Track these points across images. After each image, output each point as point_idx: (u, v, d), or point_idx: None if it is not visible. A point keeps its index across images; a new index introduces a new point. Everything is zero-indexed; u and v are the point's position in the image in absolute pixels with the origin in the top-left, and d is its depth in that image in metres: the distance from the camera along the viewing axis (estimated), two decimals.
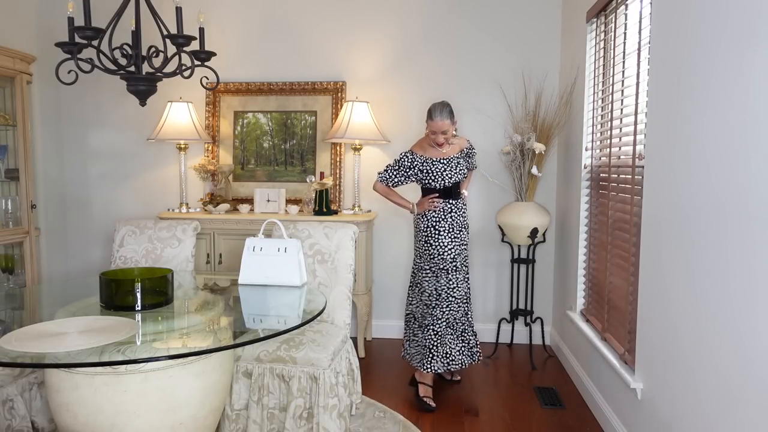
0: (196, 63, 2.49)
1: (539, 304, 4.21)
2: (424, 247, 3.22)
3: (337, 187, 4.23)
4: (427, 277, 3.21)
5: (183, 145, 4.17)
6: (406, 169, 3.21)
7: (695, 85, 1.92)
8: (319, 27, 4.24)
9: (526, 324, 3.99)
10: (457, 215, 3.22)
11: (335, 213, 3.99)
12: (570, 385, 3.47)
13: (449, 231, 3.19)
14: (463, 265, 3.25)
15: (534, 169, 3.68)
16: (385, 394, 3.30)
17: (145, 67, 2.41)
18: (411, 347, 3.37)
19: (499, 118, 4.11)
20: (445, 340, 3.20)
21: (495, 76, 4.11)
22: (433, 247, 3.18)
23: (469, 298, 3.32)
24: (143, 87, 2.42)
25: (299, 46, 4.27)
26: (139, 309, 2.17)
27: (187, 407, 2.00)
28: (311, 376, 2.47)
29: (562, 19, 4.02)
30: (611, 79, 2.99)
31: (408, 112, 4.19)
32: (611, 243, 2.91)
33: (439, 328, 3.18)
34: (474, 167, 3.44)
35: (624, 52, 2.79)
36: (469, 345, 3.31)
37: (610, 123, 2.96)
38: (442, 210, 3.19)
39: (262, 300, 2.56)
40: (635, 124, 2.56)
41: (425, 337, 3.20)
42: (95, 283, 2.50)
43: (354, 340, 4.01)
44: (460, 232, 3.24)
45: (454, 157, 3.22)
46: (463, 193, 3.31)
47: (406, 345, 3.41)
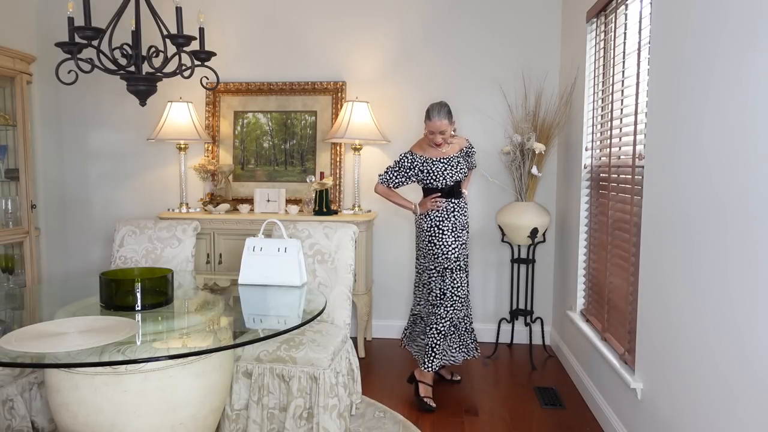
0: (196, 63, 2.49)
1: (539, 304, 4.21)
2: (428, 247, 3.22)
3: (337, 187, 4.23)
4: (434, 277, 3.21)
5: (183, 145, 4.17)
6: (407, 169, 3.21)
7: (695, 85, 1.92)
8: (319, 27, 4.24)
9: (526, 324, 3.99)
10: (459, 215, 3.22)
11: (335, 213, 3.99)
12: (570, 385, 3.47)
13: (452, 230, 3.19)
14: (465, 265, 3.25)
15: (534, 169, 3.68)
16: (385, 394, 3.30)
17: (145, 67, 2.41)
18: (414, 346, 3.38)
19: (499, 118, 4.11)
20: (447, 340, 3.21)
21: (495, 76, 4.11)
22: (437, 246, 3.18)
23: (469, 298, 3.33)
24: (143, 87, 2.42)
25: (299, 46, 4.27)
26: (139, 309, 2.18)
27: (187, 407, 2.00)
28: (311, 376, 2.47)
29: (562, 19, 4.02)
30: (611, 79, 2.99)
31: (408, 112, 4.19)
32: (611, 243, 2.91)
33: (443, 328, 3.18)
34: (474, 166, 3.45)
35: (624, 52, 2.79)
36: (466, 343, 3.32)
37: (610, 123, 2.96)
38: (444, 209, 3.19)
39: (262, 300, 2.56)
40: (635, 124, 2.56)
41: (429, 336, 3.20)
42: (95, 283, 2.50)
43: (354, 340, 4.01)
44: (462, 232, 3.24)
45: (453, 157, 3.22)
46: (464, 192, 3.32)
47: (405, 341, 3.43)
